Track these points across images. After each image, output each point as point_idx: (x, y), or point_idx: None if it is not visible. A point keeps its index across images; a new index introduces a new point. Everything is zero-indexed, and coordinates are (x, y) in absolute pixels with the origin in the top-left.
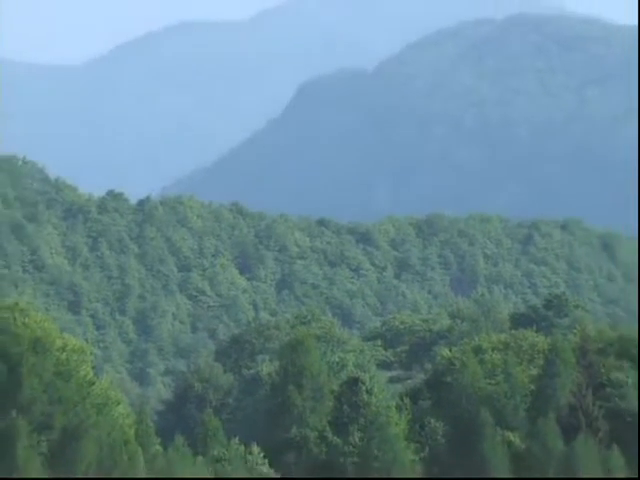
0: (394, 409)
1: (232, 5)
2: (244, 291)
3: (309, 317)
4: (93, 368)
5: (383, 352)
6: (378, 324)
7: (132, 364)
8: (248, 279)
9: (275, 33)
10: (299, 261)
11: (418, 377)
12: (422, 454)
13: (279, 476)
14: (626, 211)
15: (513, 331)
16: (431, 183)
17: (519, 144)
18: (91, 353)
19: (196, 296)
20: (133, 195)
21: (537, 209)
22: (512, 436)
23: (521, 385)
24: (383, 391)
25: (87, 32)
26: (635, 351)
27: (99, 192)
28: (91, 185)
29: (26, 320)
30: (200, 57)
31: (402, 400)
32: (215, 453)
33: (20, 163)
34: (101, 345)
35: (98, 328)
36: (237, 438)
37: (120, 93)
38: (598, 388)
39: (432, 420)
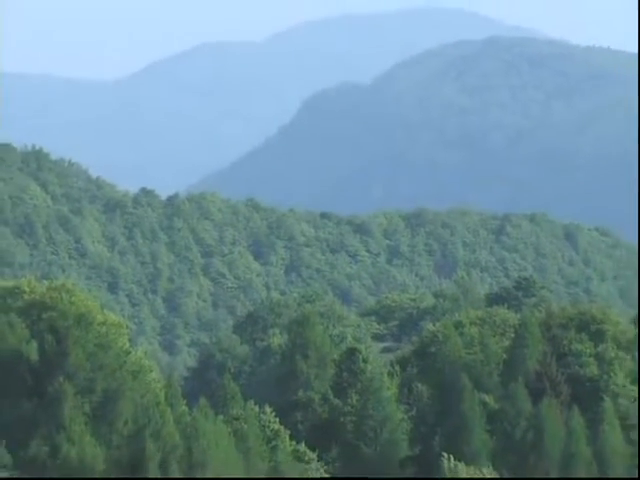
0: (386, 375)
1: (249, 28)
2: (258, 274)
3: (313, 297)
4: (129, 340)
5: (377, 326)
6: (373, 302)
7: (162, 337)
8: (261, 264)
9: (285, 52)
10: (305, 248)
11: (407, 348)
12: (410, 413)
13: (288, 431)
14: (586, 205)
15: (488, 308)
16: (418, 182)
17: (494, 148)
18: (127, 327)
19: (217, 278)
20: (163, 192)
21: (509, 204)
22: (487, 398)
23: (495, 355)
24: (377, 360)
25: (123, 51)
26: (594, 326)
27: (134, 189)
28: (127, 183)
29: (72, 299)
30: (220, 73)
31: (393, 367)
32: (233, 413)
33: (66, 165)
34: (136, 320)
35: (133, 306)
36: (252, 400)
37: (151, 105)
38: (560, 357)
39: (418, 385)
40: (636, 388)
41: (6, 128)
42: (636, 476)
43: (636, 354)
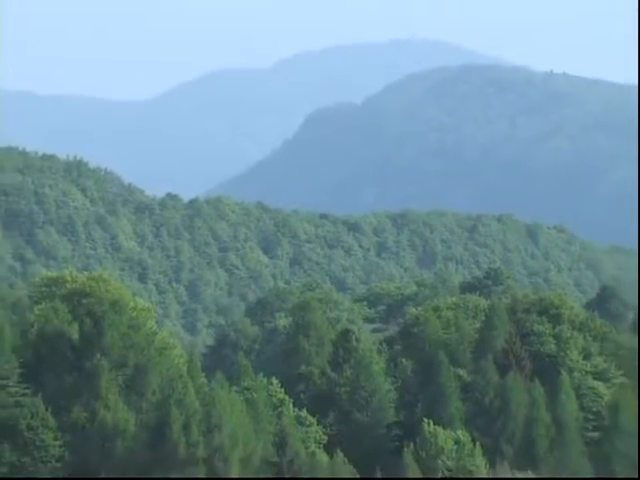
0: (375, 352)
1: (257, 56)
2: (266, 266)
3: (313, 285)
4: (156, 322)
5: (367, 311)
6: (364, 290)
7: (184, 319)
8: (269, 257)
9: (289, 77)
10: (306, 244)
11: (393, 329)
12: (396, 385)
13: (292, 400)
14: (545, 207)
15: (462, 295)
16: (403, 187)
17: (468, 158)
18: (154, 311)
19: (231, 270)
20: (186, 196)
21: (480, 206)
22: (461, 372)
23: (468, 335)
24: (367, 339)
25: (151, 76)
26: (552, 310)
27: (160, 194)
28: (154, 189)
29: (107, 287)
30: (233, 95)
31: (381, 346)
32: (245, 384)
33: (103, 173)
34: (162, 306)
35: (159, 293)
36: (261, 373)
37: (175, 122)
38: (524, 337)
39: (403, 360)
40: (588, 363)
41: (51, 142)
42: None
43: (554, 313)
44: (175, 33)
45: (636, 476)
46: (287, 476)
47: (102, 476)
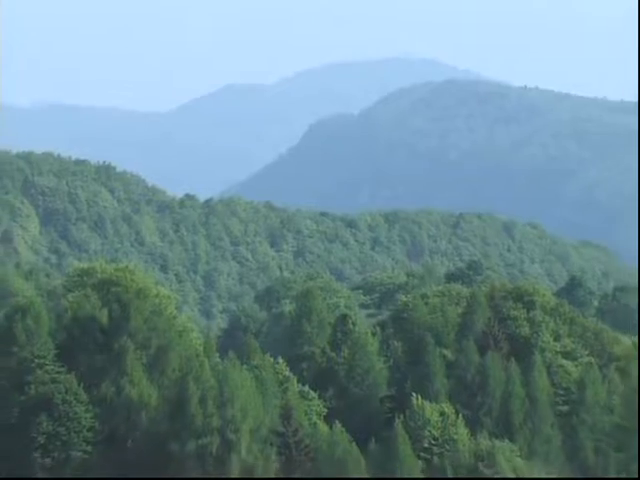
0: (370, 334)
1: (264, 73)
2: (273, 258)
3: (315, 275)
4: (176, 308)
5: (363, 298)
6: (359, 280)
7: (201, 306)
8: (275, 251)
9: (293, 92)
10: (308, 239)
11: (385, 314)
12: (388, 363)
13: (295, 376)
14: (520, 206)
15: (446, 284)
16: (395, 188)
17: (452, 163)
18: (174, 298)
19: (242, 262)
20: (202, 196)
21: (462, 205)
22: (446, 352)
23: (451, 319)
24: (363, 323)
25: (170, 90)
26: (526, 297)
27: (179, 194)
28: (174, 190)
29: (133, 277)
30: (242, 107)
31: (375, 329)
32: (254, 363)
33: (129, 176)
34: (181, 293)
35: (179, 282)
36: (268, 353)
37: (192, 131)
38: (501, 321)
39: (394, 342)
40: (558, 344)
41: (83, 148)
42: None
43: (529, 300)
44: (192, 53)
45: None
46: (292, 442)
47: (129, 444)
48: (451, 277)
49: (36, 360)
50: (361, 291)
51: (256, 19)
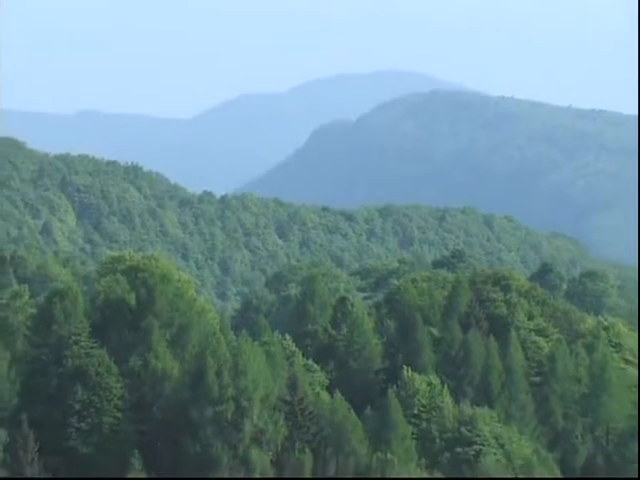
0: (366, 314)
1: (273, 84)
2: (281, 248)
3: (318, 263)
4: (195, 291)
5: (360, 282)
6: (357, 267)
7: (217, 289)
8: (283, 241)
9: (300, 100)
10: (312, 230)
11: (380, 296)
12: (382, 340)
13: (301, 351)
14: (498, 201)
15: (433, 270)
16: (388, 186)
17: (438, 163)
18: (194, 283)
19: (254, 250)
20: (218, 193)
21: (447, 201)
22: (433, 330)
23: (438, 301)
24: (360, 304)
25: (190, 99)
26: (503, 282)
27: (198, 191)
28: (194, 187)
29: (157, 264)
30: (255, 113)
31: (370, 309)
32: (264, 340)
33: (154, 175)
34: (200, 278)
35: (198, 269)
36: (277, 331)
37: (210, 135)
38: (482, 302)
39: (387, 321)
40: (532, 323)
41: (114, 150)
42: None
43: (506, 285)
44: (210, 66)
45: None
46: (297, 409)
47: (154, 410)
48: (437, 264)
49: (73, 337)
50: (358, 276)
51: (268, 35)
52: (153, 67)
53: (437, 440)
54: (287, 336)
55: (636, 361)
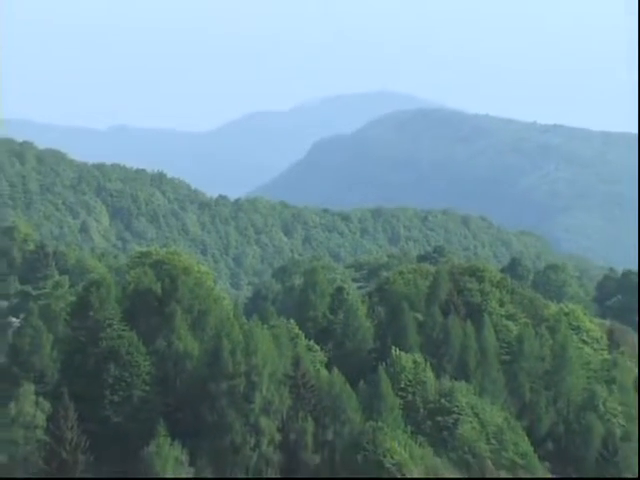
0: (360, 302)
1: (280, 102)
2: (286, 244)
3: (318, 257)
4: (213, 282)
5: (354, 274)
6: (352, 260)
7: (231, 280)
8: (288, 238)
9: (302, 116)
10: (313, 229)
11: (371, 286)
12: (373, 323)
13: (303, 333)
14: (475, 204)
15: (418, 264)
16: (379, 190)
17: (422, 172)
18: (211, 274)
19: (263, 247)
20: (232, 197)
21: (430, 204)
22: (417, 315)
23: (421, 290)
24: (354, 293)
25: (206, 114)
26: (478, 273)
27: (215, 195)
28: (211, 192)
29: (180, 258)
30: (263, 128)
31: (363, 297)
32: (272, 324)
33: (177, 181)
34: (216, 270)
35: (215, 262)
36: (283, 316)
37: (226, 146)
38: (459, 291)
39: (378, 307)
40: (503, 309)
41: (142, 160)
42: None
43: (482, 275)
44: (227, 86)
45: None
46: (300, 383)
47: (177, 384)
48: (421, 258)
49: (106, 321)
50: (353, 269)
51: (274, 61)
52: (175, 88)
53: (421, 410)
54: (291, 321)
55: (592, 342)
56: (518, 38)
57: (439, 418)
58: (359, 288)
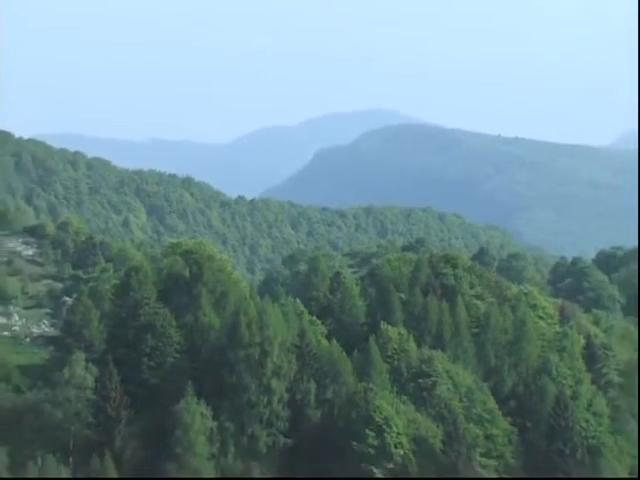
0: (354, 284)
1: (288, 118)
2: (293, 236)
3: (320, 247)
4: (232, 268)
5: (350, 261)
6: (348, 250)
7: (248, 266)
8: (295, 232)
9: (306, 130)
10: (316, 224)
11: (364, 271)
12: (366, 303)
13: (307, 310)
14: (450, 203)
15: (403, 253)
16: (370, 192)
17: (407, 176)
18: (231, 261)
19: (274, 238)
20: (248, 197)
21: (412, 203)
22: (402, 295)
23: (405, 275)
24: (350, 277)
25: (223, 129)
26: (452, 261)
27: (234, 196)
28: (231, 193)
29: (205, 248)
30: (272, 140)
31: (357, 281)
32: (281, 302)
33: (203, 184)
34: (235, 258)
35: (234, 251)
36: (290, 296)
37: (241, 155)
38: (437, 276)
39: (370, 289)
40: (472, 290)
41: (173, 166)
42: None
43: (455, 265)
44: (242, 103)
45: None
46: (305, 352)
47: (202, 353)
48: (405, 248)
49: (144, 300)
50: (349, 257)
51: (283, 79)
52: (199, 105)
53: (404, 374)
54: (297, 300)
55: (546, 317)
56: (489, 58)
57: (420, 380)
58: (354, 273)
